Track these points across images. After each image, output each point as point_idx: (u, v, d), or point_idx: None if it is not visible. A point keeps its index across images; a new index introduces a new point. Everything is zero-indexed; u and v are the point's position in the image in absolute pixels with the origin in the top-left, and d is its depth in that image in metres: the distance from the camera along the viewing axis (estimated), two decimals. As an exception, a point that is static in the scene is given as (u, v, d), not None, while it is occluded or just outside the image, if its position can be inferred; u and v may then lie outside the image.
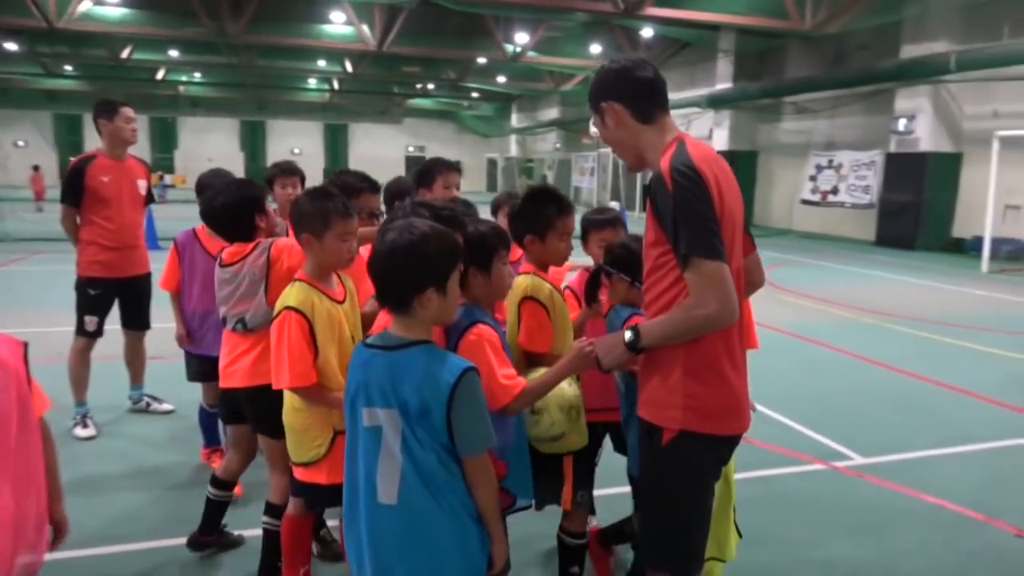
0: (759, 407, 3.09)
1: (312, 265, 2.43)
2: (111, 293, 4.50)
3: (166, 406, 4.83)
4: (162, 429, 4.55)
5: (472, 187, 40.31)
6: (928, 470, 4.17)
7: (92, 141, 29.42)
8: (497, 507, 1.89)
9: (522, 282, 2.44)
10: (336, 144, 41.11)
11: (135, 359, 4.79)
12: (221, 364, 2.88)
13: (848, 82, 16.52)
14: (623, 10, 16.13)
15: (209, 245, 3.58)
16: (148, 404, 4.84)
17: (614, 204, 17.40)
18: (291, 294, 2.37)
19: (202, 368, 3.67)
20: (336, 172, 3.04)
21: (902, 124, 15.45)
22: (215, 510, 3.07)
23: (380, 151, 41.25)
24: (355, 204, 2.75)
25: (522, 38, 22.54)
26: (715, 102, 20.85)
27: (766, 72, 20.36)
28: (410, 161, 42.41)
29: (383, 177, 3.88)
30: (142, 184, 4.59)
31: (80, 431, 4.38)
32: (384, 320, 2.09)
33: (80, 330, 4.47)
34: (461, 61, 27.10)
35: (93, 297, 4.44)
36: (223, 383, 2.87)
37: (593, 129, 22.36)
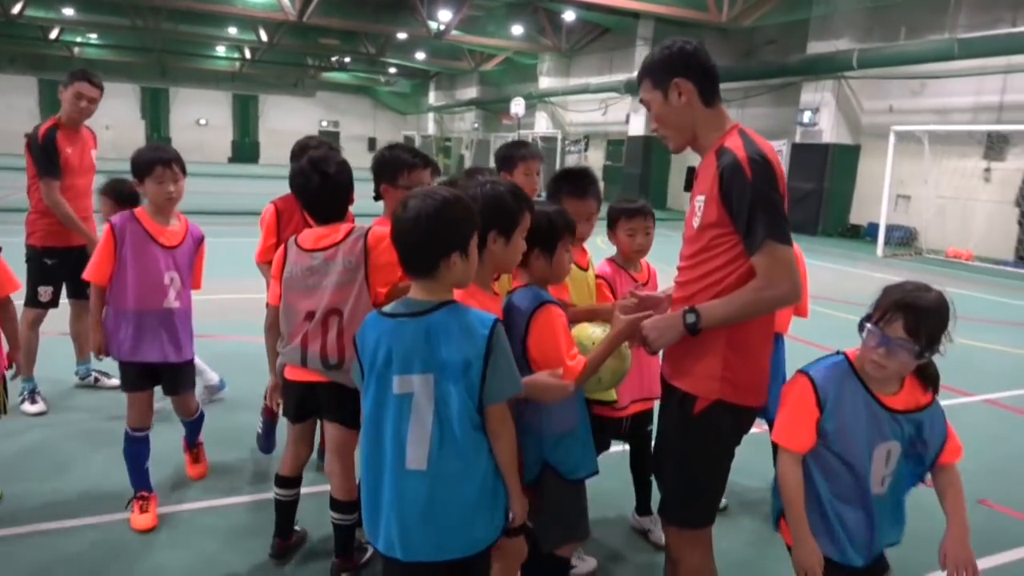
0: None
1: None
2: (66, 262, 4.38)
3: (115, 381, 4.69)
4: (114, 402, 4.47)
5: (388, 164, 39.74)
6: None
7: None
8: (515, 460, 1.94)
9: None
10: (246, 116, 39.63)
11: (83, 331, 4.66)
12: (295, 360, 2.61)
13: (758, 74, 17.39)
14: (549, -8, 16.32)
15: (154, 230, 3.08)
16: (96, 379, 4.74)
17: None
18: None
19: (141, 378, 3.13)
20: (387, 146, 2.91)
21: (807, 116, 16.42)
22: (287, 512, 2.86)
23: (292, 124, 39.98)
24: (407, 179, 2.74)
25: (445, 15, 22.41)
26: (632, 88, 21.39)
27: (682, 61, 21.05)
28: (323, 136, 41.41)
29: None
30: (95, 154, 4.53)
31: (29, 406, 4.27)
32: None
33: (33, 301, 4.34)
34: (381, 36, 26.68)
35: (50, 267, 4.33)
36: (301, 376, 2.60)
37: (514, 110, 22.64)
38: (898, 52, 14.24)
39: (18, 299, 4.21)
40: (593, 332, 2.30)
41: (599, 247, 3.23)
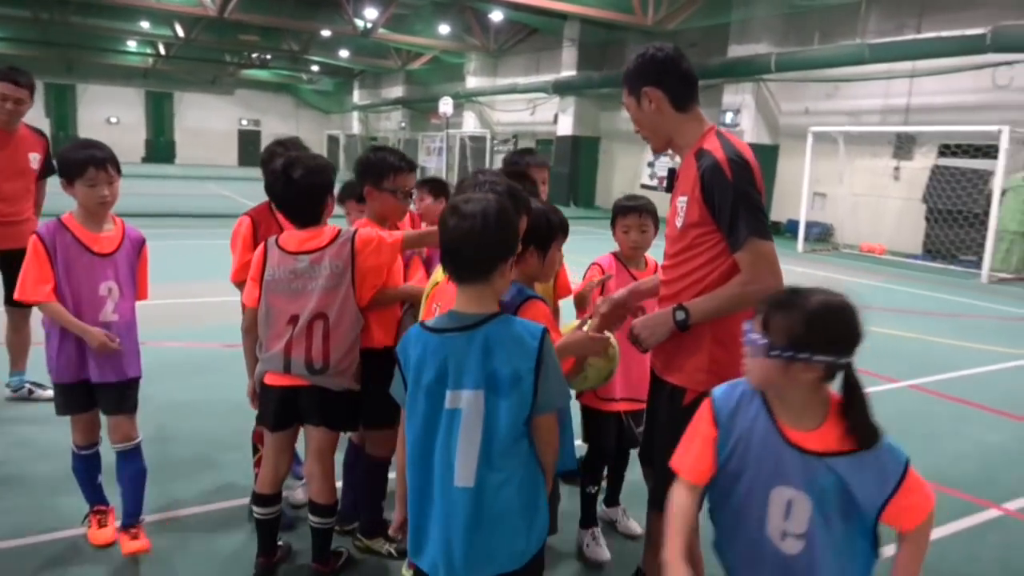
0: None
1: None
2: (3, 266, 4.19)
3: (50, 392, 4.50)
4: (51, 413, 4.27)
5: (312, 164, 38.93)
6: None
7: None
8: (555, 468, 1.96)
9: None
10: (160, 114, 38.05)
11: (18, 340, 4.44)
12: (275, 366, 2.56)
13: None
14: (481, -7, 16.36)
15: (86, 238, 2.76)
16: (31, 391, 4.49)
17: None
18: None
19: (79, 399, 2.84)
20: (372, 148, 2.87)
21: (729, 117, 17.02)
22: (269, 530, 2.72)
23: (210, 123, 38.78)
24: (392, 183, 2.73)
25: (371, 13, 22.13)
26: (560, 88, 21.71)
27: (608, 62, 21.47)
28: (243, 135, 40.26)
29: (213, 152, 3.76)
30: (33, 157, 4.30)
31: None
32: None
33: None
34: (305, 33, 26.12)
35: None
36: (282, 382, 2.55)
37: (443, 109, 22.56)
38: (813, 56, 14.92)
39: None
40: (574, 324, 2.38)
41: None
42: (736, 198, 2.03)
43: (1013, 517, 3.63)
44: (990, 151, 12.17)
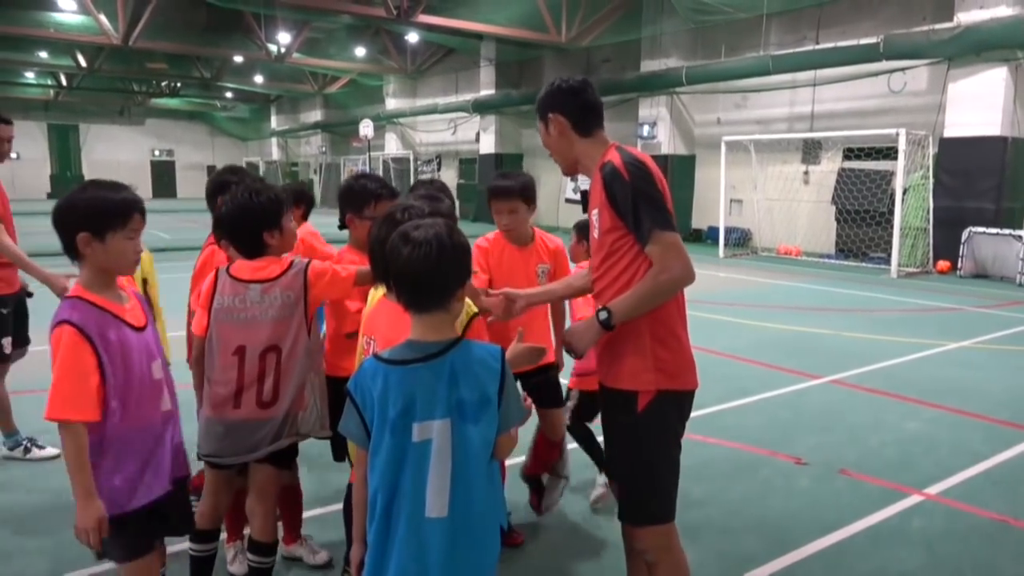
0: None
1: None
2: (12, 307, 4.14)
3: (50, 451, 4.12)
4: (53, 474, 3.96)
5: (230, 193, 37.94)
6: (719, 420, 4.95)
7: None
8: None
9: None
10: (65, 147, 36.48)
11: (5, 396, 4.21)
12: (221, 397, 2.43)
13: (598, 91, 18.27)
14: (396, 16, 16.34)
15: (118, 310, 2.12)
16: (27, 449, 4.18)
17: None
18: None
19: (150, 529, 2.26)
20: (354, 176, 2.87)
21: (646, 130, 17.44)
22: (205, 569, 2.60)
23: (120, 155, 37.35)
24: (373, 210, 2.74)
25: (285, 38, 21.81)
26: (480, 107, 21.85)
27: (525, 80, 21.75)
28: (156, 166, 38.93)
29: (127, 181, 3.59)
30: None
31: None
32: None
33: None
34: (216, 59, 25.51)
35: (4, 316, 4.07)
36: (231, 416, 2.42)
37: (364, 132, 22.36)
38: (721, 68, 15.49)
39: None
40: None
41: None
42: (635, 195, 2.14)
43: (934, 501, 3.78)
44: (890, 153, 12.84)
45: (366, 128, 22.33)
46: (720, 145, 15.21)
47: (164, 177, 38.70)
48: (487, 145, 22.28)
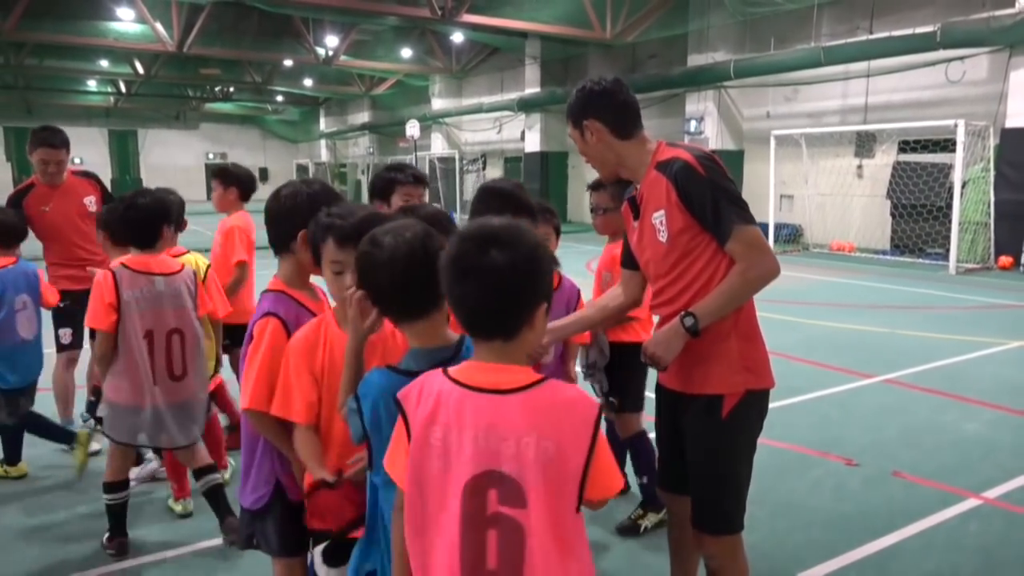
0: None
1: None
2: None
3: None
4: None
5: (282, 194, 38.75)
6: (767, 419, 4.85)
7: None
8: None
9: None
10: (125, 152, 37.67)
11: (70, 386, 4.59)
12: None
13: (644, 87, 18.03)
14: (440, 16, 16.45)
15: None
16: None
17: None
18: None
19: None
20: (384, 167, 2.97)
21: (693, 125, 17.19)
22: (123, 513, 3.18)
23: (176, 159, 38.39)
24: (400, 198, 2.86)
25: (332, 41, 22.15)
26: (525, 105, 21.83)
27: (570, 77, 21.64)
28: (211, 169, 39.90)
29: (180, 187, 4.09)
30: (89, 201, 4.49)
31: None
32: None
33: (58, 345, 4.43)
34: (267, 64, 26.06)
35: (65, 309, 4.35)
36: (144, 400, 2.98)
37: (410, 132, 22.58)
38: (770, 61, 15.17)
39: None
40: None
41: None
42: (714, 191, 2.06)
43: (992, 505, 3.65)
44: (948, 145, 12.41)
45: (412, 128, 22.53)
46: (769, 139, 14.90)
47: (218, 180, 39.77)
48: (532, 143, 22.25)
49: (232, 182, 4.25)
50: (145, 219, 2.99)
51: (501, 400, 1.34)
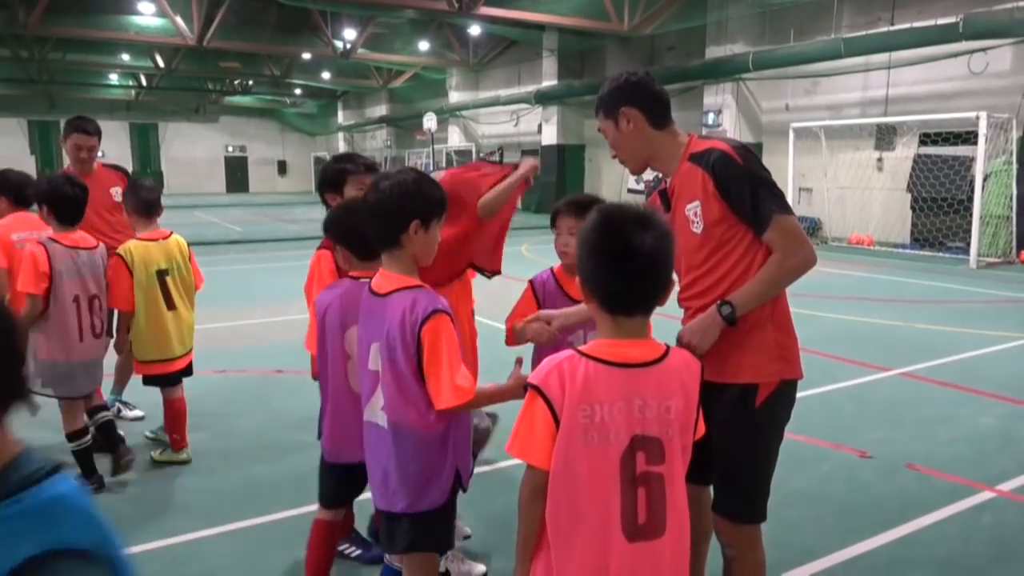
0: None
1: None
2: None
3: (138, 412, 4.78)
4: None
5: (299, 187, 39.06)
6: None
7: None
8: None
9: None
10: (146, 145, 38.09)
11: (123, 365, 4.67)
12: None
13: (661, 79, 17.57)
14: (457, 9, 16.47)
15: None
16: (119, 410, 4.69)
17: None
18: None
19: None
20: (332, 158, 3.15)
21: (711, 118, 17.10)
22: (89, 456, 3.67)
23: (196, 152, 38.82)
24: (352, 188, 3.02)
25: (350, 34, 22.25)
26: (542, 98, 21.81)
27: (587, 70, 21.60)
28: (230, 162, 40.28)
29: (200, 180, 4.20)
30: (116, 191, 4.61)
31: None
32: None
33: None
34: (285, 57, 26.23)
35: None
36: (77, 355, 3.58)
37: (427, 125, 22.64)
38: (790, 53, 15.04)
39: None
40: None
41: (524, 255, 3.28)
42: (752, 181, 2.06)
43: (1005, 498, 3.64)
44: (969, 137, 12.27)
45: (429, 121, 22.60)
46: (788, 132, 14.80)
47: (237, 172, 39.97)
48: (549, 136, 22.24)
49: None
50: (77, 202, 3.61)
51: (643, 373, 1.55)
